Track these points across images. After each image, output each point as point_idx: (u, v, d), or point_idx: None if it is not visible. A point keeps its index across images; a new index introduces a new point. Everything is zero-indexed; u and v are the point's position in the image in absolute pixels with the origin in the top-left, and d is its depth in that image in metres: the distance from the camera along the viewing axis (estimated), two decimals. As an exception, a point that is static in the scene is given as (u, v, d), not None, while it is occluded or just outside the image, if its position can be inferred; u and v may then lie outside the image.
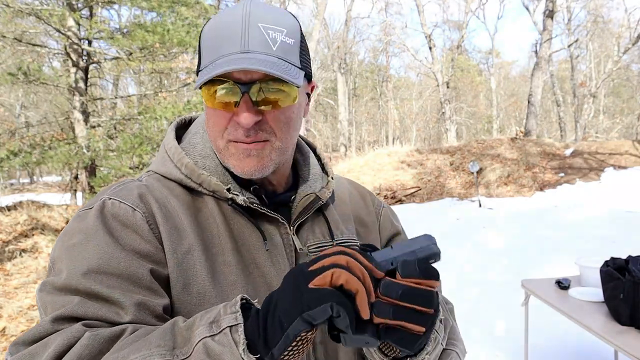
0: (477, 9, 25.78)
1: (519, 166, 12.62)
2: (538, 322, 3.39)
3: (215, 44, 0.67)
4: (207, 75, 0.64)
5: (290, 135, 0.73)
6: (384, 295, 0.49)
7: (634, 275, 2.05)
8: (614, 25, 23.78)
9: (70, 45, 7.87)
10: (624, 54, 17.97)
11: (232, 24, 0.66)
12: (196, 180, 0.73)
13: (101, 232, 0.64)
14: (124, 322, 0.58)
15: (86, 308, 0.59)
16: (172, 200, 0.72)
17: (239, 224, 0.73)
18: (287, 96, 0.68)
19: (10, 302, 4.48)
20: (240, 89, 0.65)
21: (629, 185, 10.02)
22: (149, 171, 0.79)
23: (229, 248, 0.71)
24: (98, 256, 0.62)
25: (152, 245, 0.66)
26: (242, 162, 0.70)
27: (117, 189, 0.72)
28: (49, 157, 6.84)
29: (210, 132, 0.73)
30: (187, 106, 7.51)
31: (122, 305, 0.60)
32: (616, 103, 28.39)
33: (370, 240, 0.88)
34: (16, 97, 19.26)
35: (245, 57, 0.64)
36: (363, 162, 14.95)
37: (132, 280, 0.62)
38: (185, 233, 0.69)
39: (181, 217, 0.70)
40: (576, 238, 6.84)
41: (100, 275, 0.61)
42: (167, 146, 0.78)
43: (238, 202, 0.72)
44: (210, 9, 8.79)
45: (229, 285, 0.68)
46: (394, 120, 32.22)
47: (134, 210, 0.67)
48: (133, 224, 0.66)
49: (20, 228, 6.42)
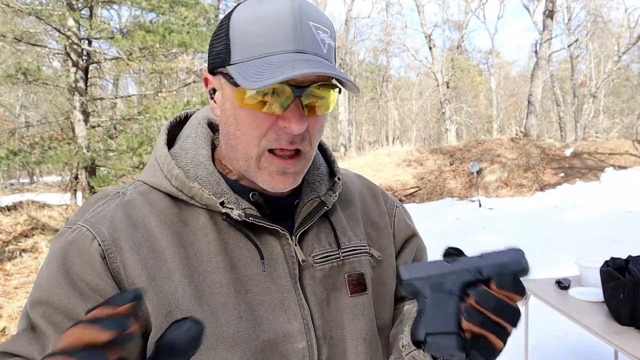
0: (477, 9, 25.80)
1: (519, 166, 12.62)
2: (538, 322, 3.39)
3: (260, 35, 0.59)
4: (267, 71, 0.57)
5: (318, 142, 0.69)
6: (477, 303, 0.50)
7: (634, 275, 2.05)
8: (614, 25, 23.80)
9: (70, 45, 7.87)
10: (624, 54, 17.97)
11: (282, 17, 0.59)
12: (187, 193, 0.67)
13: (56, 262, 0.63)
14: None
15: (15, 344, 0.61)
16: (152, 220, 0.66)
17: (235, 239, 0.67)
18: (326, 102, 0.64)
19: (10, 302, 4.48)
20: (294, 92, 0.59)
21: (629, 185, 10.02)
22: (138, 181, 0.74)
23: (221, 266, 0.65)
24: (46, 286, 0.62)
25: (101, 280, 0.61)
26: (276, 179, 0.65)
27: (97, 210, 0.68)
28: (49, 157, 6.84)
29: (242, 136, 0.64)
30: (187, 106, 7.52)
31: (49, 344, 0.60)
32: (616, 103, 28.39)
33: (382, 243, 0.81)
34: (16, 97, 19.27)
35: (305, 59, 0.58)
36: (363, 162, 14.96)
37: (69, 316, 0.60)
38: (165, 256, 0.64)
39: (160, 239, 0.64)
40: (576, 238, 6.84)
41: (43, 307, 0.62)
42: (157, 153, 0.71)
43: (233, 217, 0.66)
44: (210, 8, 8.79)
45: (218, 307, 0.63)
46: (394, 120, 32.22)
47: (93, 239, 0.62)
48: (89, 254, 0.62)
49: (20, 228, 6.42)
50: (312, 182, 0.76)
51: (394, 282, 0.81)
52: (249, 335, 0.63)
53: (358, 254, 0.75)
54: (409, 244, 0.87)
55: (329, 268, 0.72)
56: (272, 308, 0.66)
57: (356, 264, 0.75)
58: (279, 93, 0.60)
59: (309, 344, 0.67)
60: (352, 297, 0.72)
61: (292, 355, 0.65)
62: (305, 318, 0.67)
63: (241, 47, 0.61)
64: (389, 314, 0.80)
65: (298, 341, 0.66)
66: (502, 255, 0.55)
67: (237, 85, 0.60)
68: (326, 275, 0.71)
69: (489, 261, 0.54)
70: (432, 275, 0.55)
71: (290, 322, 0.66)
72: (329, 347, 0.70)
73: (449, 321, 0.52)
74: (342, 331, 0.71)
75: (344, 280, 0.73)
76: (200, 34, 7.41)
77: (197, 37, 7.33)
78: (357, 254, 0.75)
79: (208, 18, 8.54)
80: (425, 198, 12.25)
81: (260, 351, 0.63)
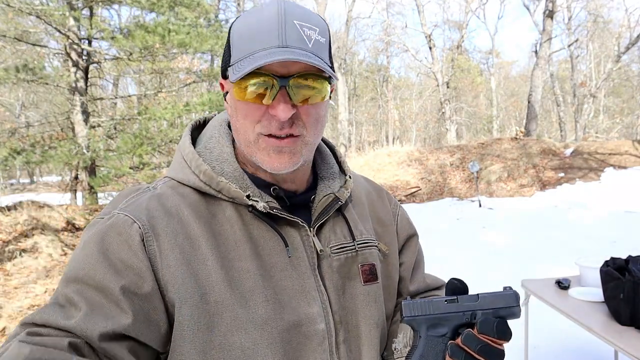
0: (478, 8, 25.79)
1: (519, 166, 12.62)
2: (538, 322, 3.39)
3: (250, 38, 0.67)
4: (249, 66, 0.64)
5: (318, 132, 0.74)
6: (464, 343, 0.57)
7: (634, 275, 2.05)
8: (614, 25, 23.79)
9: (71, 45, 7.87)
10: (624, 54, 17.97)
11: (268, 20, 0.66)
12: (215, 188, 0.73)
13: (94, 243, 0.66)
14: (67, 324, 0.60)
15: (43, 314, 0.61)
16: (185, 210, 0.72)
17: (259, 229, 0.73)
18: (318, 92, 0.70)
19: (10, 302, 4.48)
20: (278, 82, 0.66)
21: (629, 185, 10.02)
22: (166, 177, 0.79)
23: (247, 254, 0.70)
24: (82, 265, 0.65)
25: (137, 258, 0.65)
26: (273, 158, 0.71)
27: (130, 200, 0.73)
28: (50, 156, 6.84)
29: (241, 125, 0.71)
30: (187, 107, 7.52)
31: (78, 307, 0.62)
32: (616, 103, 28.38)
33: (387, 239, 0.89)
34: (16, 96, 19.27)
35: (285, 50, 0.64)
36: (363, 162, 14.96)
37: (103, 291, 0.63)
38: (198, 243, 0.69)
39: (194, 227, 0.70)
40: (576, 238, 6.85)
41: (78, 284, 0.63)
42: (184, 152, 0.77)
43: (258, 209, 0.72)
44: (210, 9, 8.79)
45: (247, 291, 0.68)
46: (394, 120, 32.21)
47: (133, 223, 0.67)
48: (127, 234, 0.66)
49: (21, 228, 6.42)
50: (326, 179, 0.83)
51: (397, 276, 0.89)
52: (275, 317, 0.69)
53: (369, 246, 0.82)
54: (410, 243, 0.94)
55: (344, 258, 0.78)
56: (294, 293, 0.72)
57: (368, 255, 0.81)
58: (267, 85, 0.67)
59: (327, 326, 0.73)
60: (365, 286, 0.79)
61: (314, 336, 0.71)
62: (324, 303, 0.73)
63: (236, 50, 0.69)
64: (392, 305, 0.88)
65: (318, 323, 0.71)
66: (497, 299, 0.61)
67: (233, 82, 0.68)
68: (342, 264, 0.78)
69: (482, 305, 0.61)
70: (429, 316, 0.63)
71: (310, 305, 0.72)
72: (345, 331, 0.76)
73: (438, 358, 0.61)
74: (356, 317, 0.77)
75: (357, 269, 0.79)
76: (200, 34, 7.41)
77: (197, 37, 7.32)
78: (369, 246, 0.82)
79: (208, 18, 8.54)
80: (425, 198, 12.25)
81: (286, 331, 0.69)
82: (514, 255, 6.08)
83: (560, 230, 7.47)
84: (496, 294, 0.61)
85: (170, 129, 7.71)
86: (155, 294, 0.65)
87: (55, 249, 5.97)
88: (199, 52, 8.25)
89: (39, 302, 4.58)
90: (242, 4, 21.31)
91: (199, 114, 7.96)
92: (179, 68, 9.94)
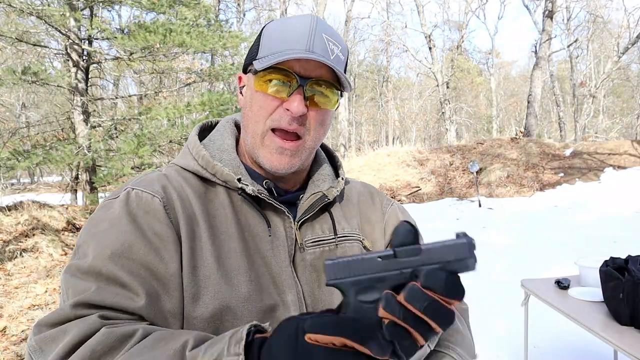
0: (478, 8, 25.80)
1: (519, 166, 12.63)
2: (538, 322, 3.40)
3: (281, 39, 0.75)
4: (274, 59, 0.72)
5: (319, 137, 0.81)
6: (407, 300, 0.44)
7: (634, 275, 2.06)
8: (614, 25, 23.80)
9: (71, 45, 7.88)
10: (624, 54, 17.97)
11: (300, 28, 0.75)
12: (210, 171, 0.78)
13: (125, 220, 0.70)
14: (136, 307, 0.63)
15: (103, 295, 0.62)
16: (187, 189, 0.77)
17: (247, 212, 0.78)
18: (329, 100, 0.77)
19: (11, 302, 4.48)
20: (298, 81, 0.73)
21: (629, 186, 10.02)
22: (171, 163, 0.86)
23: (236, 236, 0.75)
24: (121, 242, 0.67)
25: (169, 228, 0.71)
26: (274, 157, 0.77)
27: (139, 179, 0.78)
28: (52, 157, 6.84)
29: (254, 115, 0.77)
30: (188, 107, 7.52)
31: (137, 292, 0.64)
32: (616, 103, 28.39)
33: (374, 237, 0.91)
34: (17, 97, 19.26)
35: (310, 54, 0.72)
36: (363, 162, 14.95)
37: (149, 269, 0.67)
38: (197, 220, 0.74)
39: (194, 206, 0.75)
40: (576, 238, 6.85)
41: (123, 260, 0.66)
42: (189, 141, 0.85)
43: (247, 192, 0.77)
44: (210, 8, 8.79)
45: (233, 270, 0.72)
46: (394, 121, 32.21)
47: (153, 197, 0.73)
48: (152, 209, 0.72)
49: (21, 228, 6.42)
50: (316, 180, 0.88)
51: None
52: (257, 297, 0.72)
53: (351, 240, 0.85)
54: None
55: (320, 252, 0.81)
56: (272, 279, 0.75)
57: (348, 249, 0.84)
58: (287, 81, 0.74)
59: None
60: None
61: None
62: (299, 293, 0.76)
63: (266, 47, 0.76)
64: None
65: (291, 311, 0.74)
66: (445, 250, 0.48)
67: (256, 73, 0.76)
68: (316, 258, 0.80)
69: (427, 260, 0.48)
70: (359, 279, 0.48)
71: (285, 293, 0.75)
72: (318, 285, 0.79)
73: (371, 331, 0.46)
74: None
75: None
76: (201, 34, 7.41)
77: (197, 37, 7.33)
78: (350, 240, 0.85)
79: (208, 18, 8.54)
80: (425, 198, 12.25)
81: (263, 312, 0.72)
82: (514, 255, 6.09)
83: (560, 230, 7.48)
84: (445, 245, 0.48)
85: (170, 129, 7.71)
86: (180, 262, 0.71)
87: (56, 249, 5.98)
88: (200, 52, 8.25)
89: (39, 302, 4.58)
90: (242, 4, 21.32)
91: (199, 114, 7.96)
92: (179, 68, 9.94)
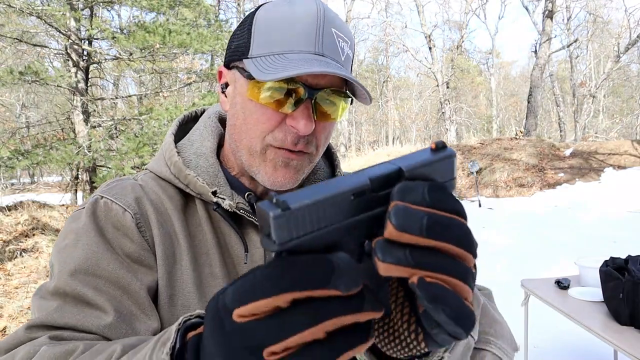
0: (478, 8, 25.80)
1: (519, 166, 12.63)
2: (538, 322, 3.40)
3: (282, 31, 0.61)
4: (283, 69, 0.57)
5: (323, 150, 0.70)
6: (400, 229, 0.28)
7: (634, 275, 2.06)
8: (614, 25, 23.79)
9: (71, 45, 7.88)
10: (624, 54, 17.98)
11: (306, 19, 0.60)
12: (183, 181, 0.68)
13: (91, 232, 0.62)
14: (101, 325, 0.56)
15: (63, 314, 0.56)
16: (166, 202, 0.68)
17: (225, 232, 0.69)
18: (336, 110, 0.65)
19: (11, 302, 4.48)
20: (307, 93, 0.60)
21: (629, 185, 10.02)
22: (146, 169, 0.75)
23: (216, 259, 0.67)
24: (86, 256, 0.60)
25: (143, 249, 0.63)
26: (277, 171, 0.65)
27: (112, 185, 0.69)
28: (52, 157, 6.85)
29: (248, 130, 0.64)
30: (191, 107, 7.52)
31: (104, 310, 0.57)
32: (616, 103, 28.39)
33: None
34: (17, 97, 19.26)
35: (321, 61, 0.59)
36: (363, 162, 14.96)
37: (119, 285, 0.59)
38: (177, 239, 0.66)
39: (174, 222, 0.67)
40: (576, 238, 6.85)
41: (88, 276, 0.59)
42: (164, 144, 0.73)
43: (223, 207, 0.66)
44: (210, 8, 8.80)
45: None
46: (393, 120, 32.21)
47: (125, 212, 0.64)
48: (123, 226, 0.63)
49: (21, 228, 6.42)
50: (305, 185, 0.76)
51: None
52: None
53: None
54: None
55: None
56: None
57: None
58: (292, 92, 0.60)
59: None
60: None
61: None
62: None
63: (262, 42, 0.61)
64: None
65: None
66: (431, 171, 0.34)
67: (252, 79, 0.60)
68: None
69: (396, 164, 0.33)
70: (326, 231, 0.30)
71: None
72: None
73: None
74: None
75: None
76: (201, 34, 7.42)
77: (197, 37, 7.33)
78: None
79: (208, 19, 8.55)
80: (425, 198, 12.25)
81: None
82: (514, 255, 6.09)
83: (560, 230, 7.48)
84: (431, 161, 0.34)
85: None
86: (156, 283, 0.64)
87: (56, 249, 5.98)
88: (200, 53, 8.25)
89: (39, 302, 4.59)
90: (242, 4, 21.31)
91: (208, 107, 7.96)
92: (179, 68, 9.95)
